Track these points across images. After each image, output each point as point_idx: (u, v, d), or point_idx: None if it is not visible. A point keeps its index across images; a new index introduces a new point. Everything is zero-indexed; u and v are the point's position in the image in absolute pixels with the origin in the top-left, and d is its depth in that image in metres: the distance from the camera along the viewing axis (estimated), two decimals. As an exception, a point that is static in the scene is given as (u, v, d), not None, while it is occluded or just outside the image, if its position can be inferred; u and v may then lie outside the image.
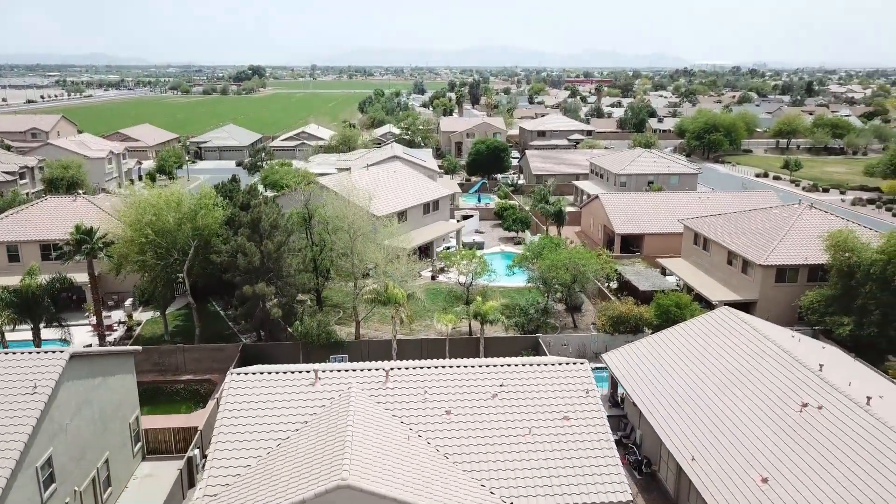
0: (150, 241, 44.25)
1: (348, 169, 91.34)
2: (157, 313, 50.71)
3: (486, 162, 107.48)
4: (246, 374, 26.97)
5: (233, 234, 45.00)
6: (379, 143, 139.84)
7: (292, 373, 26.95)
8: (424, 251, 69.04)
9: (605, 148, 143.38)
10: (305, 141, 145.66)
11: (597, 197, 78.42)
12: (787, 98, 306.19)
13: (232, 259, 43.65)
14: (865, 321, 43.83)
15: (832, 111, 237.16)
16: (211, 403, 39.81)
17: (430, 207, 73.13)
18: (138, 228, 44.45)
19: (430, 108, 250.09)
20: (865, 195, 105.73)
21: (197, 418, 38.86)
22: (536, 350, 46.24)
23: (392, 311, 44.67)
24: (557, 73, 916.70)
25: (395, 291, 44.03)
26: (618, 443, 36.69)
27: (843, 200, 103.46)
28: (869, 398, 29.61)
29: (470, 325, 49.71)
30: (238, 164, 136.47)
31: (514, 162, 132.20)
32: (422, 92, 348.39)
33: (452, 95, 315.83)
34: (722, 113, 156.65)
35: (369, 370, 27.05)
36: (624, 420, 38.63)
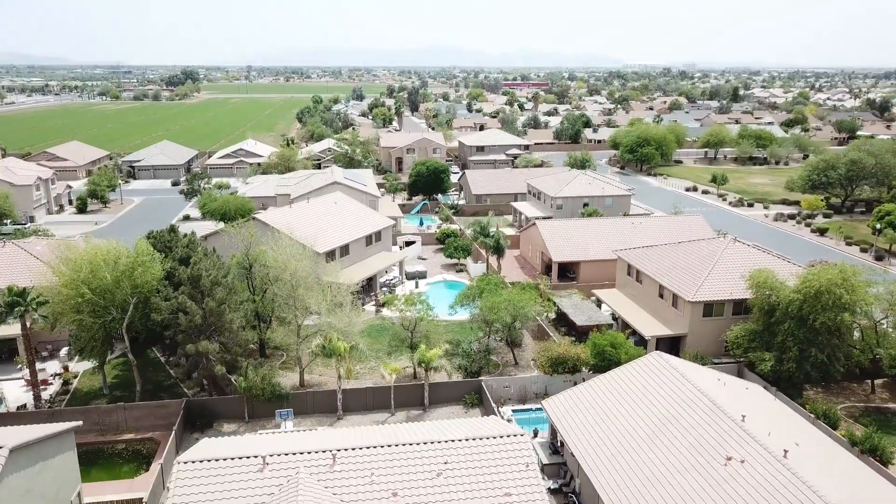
0: (87, 300, 43.52)
1: (288, 195, 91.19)
2: (95, 363, 49.74)
3: (428, 182, 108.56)
4: (194, 462, 27.22)
5: (173, 291, 44.66)
6: (318, 162, 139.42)
7: (240, 458, 27.34)
8: (368, 283, 69.60)
9: (542, 162, 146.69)
10: (243, 159, 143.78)
11: (534, 224, 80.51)
12: (714, 104, 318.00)
13: (173, 316, 43.37)
14: (785, 357, 46.70)
15: (756, 118, 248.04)
16: (155, 467, 39.56)
17: (372, 239, 73.65)
18: (74, 287, 43.66)
19: (370, 117, 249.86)
20: (787, 210, 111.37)
21: (141, 484, 38.55)
22: (479, 394, 47.51)
23: (335, 363, 45.19)
24: (495, 75, 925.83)
25: (338, 345, 44.57)
26: (557, 491, 38.40)
27: (766, 216, 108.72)
28: (786, 451, 31.84)
29: (415, 369, 50.61)
30: (174, 185, 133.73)
31: (454, 179, 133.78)
32: (360, 98, 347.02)
33: (392, 103, 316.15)
34: (653, 125, 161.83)
35: (317, 453, 27.67)
36: (564, 467, 40.20)
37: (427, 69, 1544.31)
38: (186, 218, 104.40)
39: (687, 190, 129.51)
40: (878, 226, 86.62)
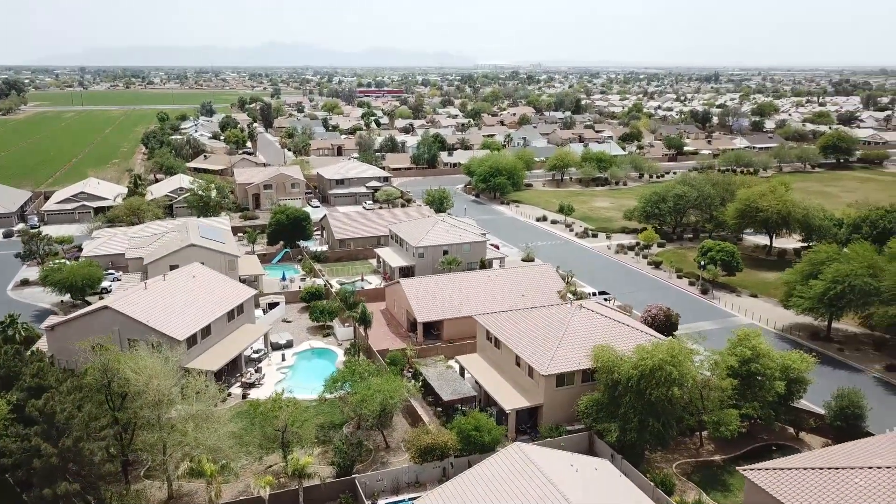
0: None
1: (141, 259, 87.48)
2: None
3: (288, 230, 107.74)
4: None
5: (23, 428, 42.44)
6: (171, 204, 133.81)
7: None
8: (233, 362, 68.71)
9: (402, 194, 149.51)
10: (86, 203, 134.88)
11: (398, 282, 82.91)
12: (559, 114, 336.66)
13: (26, 457, 41.29)
14: (628, 427, 52.14)
15: (597, 131, 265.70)
16: None
17: (234, 313, 72.67)
18: None
19: (222, 138, 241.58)
20: (626, 239, 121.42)
21: None
22: (354, 493, 49.05)
23: (205, 486, 44.98)
24: (349, 78, 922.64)
25: (205, 466, 44.40)
26: None
27: (608, 247, 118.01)
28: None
29: (287, 473, 50.97)
30: (6, 236, 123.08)
31: (316, 213, 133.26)
32: (210, 113, 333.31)
33: (245, 117, 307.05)
34: (503, 156, 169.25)
35: None
36: (437, 567, 42.71)
37: (277, 70, 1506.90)
38: (24, 282, 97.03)
39: (538, 220, 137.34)
40: (702, 262, 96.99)
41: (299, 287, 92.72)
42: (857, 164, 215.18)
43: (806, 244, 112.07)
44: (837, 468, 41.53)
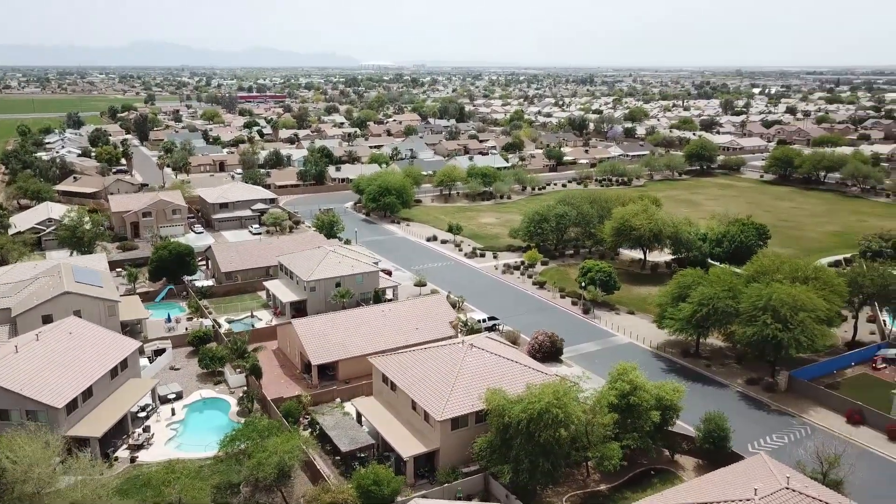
0: None
1: (9, 310, 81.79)
2: None
3: (171, 266, 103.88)
4: None
5: None
6: (38, 237, 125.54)
7: None
8: (119, 423, 65.90)
9: (290, 215, 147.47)
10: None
11: (290, 323, 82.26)
12: (444, 122, 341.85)
13: None
14: (520, 468, 54.85)
15: (481, 141, 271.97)
16: None
17: (118, 368, 69.67)
18: None
19: (93, 155, 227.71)
20: (512, 258, 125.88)
21: None
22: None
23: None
24: (228, 81, 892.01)
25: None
26: None
27: (496, 267, 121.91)
28: None
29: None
30: None
31: (199, 240, 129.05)
32: (78, 125, 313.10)
33: (118, 134, 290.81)
34: (392, 173, 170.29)
35: None
36: None
37: (149, 71, 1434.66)
38: None
39: (428, 240, 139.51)
40: (583, 283, 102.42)
41: (186, 329, 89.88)
42: (719, 171, 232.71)
43: (676, 256, 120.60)
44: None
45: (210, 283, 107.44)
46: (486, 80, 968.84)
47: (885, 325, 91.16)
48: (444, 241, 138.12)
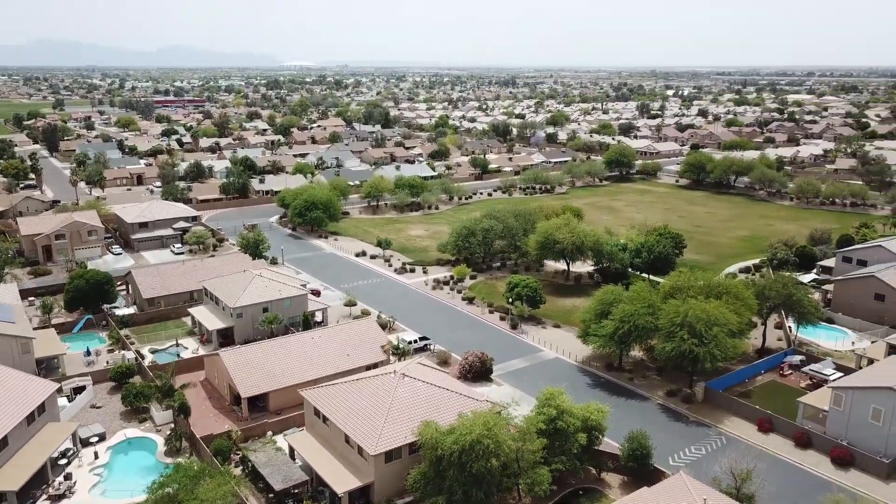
0: None
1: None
2: None
3: (89, 295, 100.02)
4: None
5: None
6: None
7: None
8: (38, 473, 63.28)
9: (214, 233, 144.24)
10: None
11: (217, 354, 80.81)
12: (369, 128, 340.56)
13: None
14: (454, 499, 55.94)
15: (407, 148, 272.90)
16: None
17: (35, 413, 66.83)
18: None
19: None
20: (442, 273, 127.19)
21: None
22: None
23: None
24: (143, 83, 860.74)
25: None
26: None
27: (426, 283, 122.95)
28: None
29: None
30: None
31: (118, 263, 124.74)
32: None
33: (25, 145, 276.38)
34: (318, 187, 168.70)
35: None
36: None
37: (56, 72, 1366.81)
38: None
39: (357, 255, 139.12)
40: (510, 298, 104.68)
41: (107, 362, 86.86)
42: (637, 176, 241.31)
43: (598, 267, 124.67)
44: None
45: (131, 310, 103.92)
46: (410, 81, 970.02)
47: (790, 331, 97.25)
48: (373, 256, 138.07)
